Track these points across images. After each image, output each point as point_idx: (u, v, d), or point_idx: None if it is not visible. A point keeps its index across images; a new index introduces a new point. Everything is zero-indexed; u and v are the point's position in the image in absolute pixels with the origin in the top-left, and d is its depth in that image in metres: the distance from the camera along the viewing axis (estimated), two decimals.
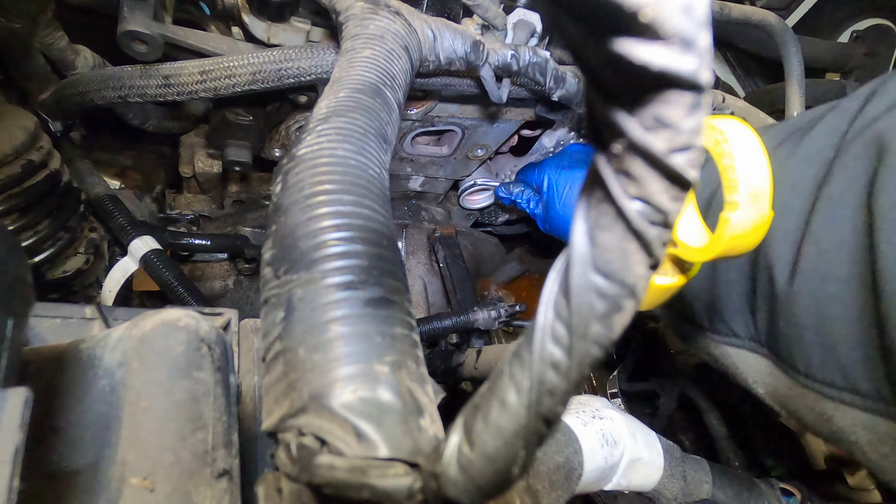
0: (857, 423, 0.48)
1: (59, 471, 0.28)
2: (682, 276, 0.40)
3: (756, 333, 0.57)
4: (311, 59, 0.66)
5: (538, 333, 0.19)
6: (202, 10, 0.74)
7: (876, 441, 0.48)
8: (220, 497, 0.29)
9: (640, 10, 0.14)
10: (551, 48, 0.86)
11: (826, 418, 0.51)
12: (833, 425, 0.50)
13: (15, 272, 0.25)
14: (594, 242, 0.18)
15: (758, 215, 0.34)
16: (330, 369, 0.26)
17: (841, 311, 0.47)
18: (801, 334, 0.50)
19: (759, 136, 0.34)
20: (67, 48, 0.71)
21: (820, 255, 0.48)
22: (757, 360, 0.57)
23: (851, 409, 0.48)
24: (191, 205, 1.05)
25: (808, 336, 0.50)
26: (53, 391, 0.31)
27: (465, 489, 0.22)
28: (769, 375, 0.56)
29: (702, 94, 0.15)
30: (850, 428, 0.49)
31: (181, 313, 0.34)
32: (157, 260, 0.78)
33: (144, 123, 0.84)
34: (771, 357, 0.56)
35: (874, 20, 1.26)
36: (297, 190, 0.33)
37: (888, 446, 0.47)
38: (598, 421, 0.65)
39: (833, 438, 0.52)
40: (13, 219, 0.65)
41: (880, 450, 0.48)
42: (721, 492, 0.70)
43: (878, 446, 0.48)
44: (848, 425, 0.49)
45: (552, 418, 0.20)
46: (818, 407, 0.51)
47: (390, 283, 0.30)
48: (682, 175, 0.16)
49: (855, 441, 0.49)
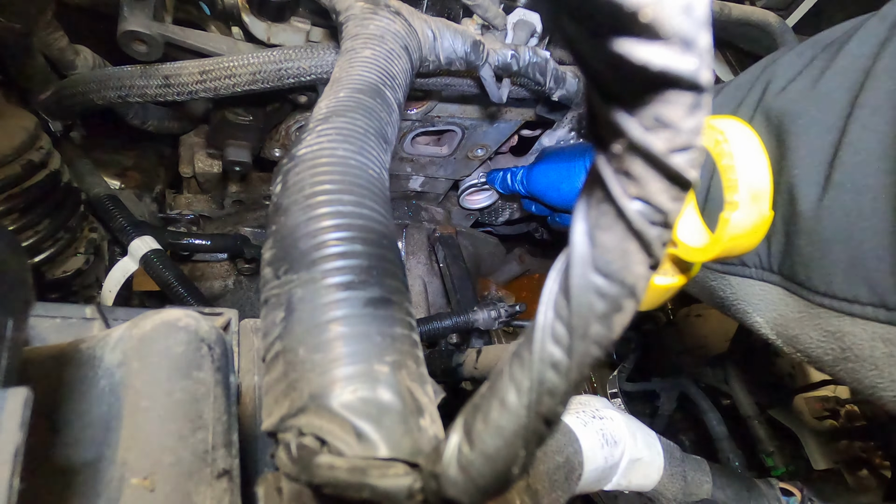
0: (877, 337, 0.48)
1: (59, 471, 0.28)
2: (683, 276, 0.40)
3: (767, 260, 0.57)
4: (311, 59, 0.66)
5: (538, 333, 0.19)
6: (202, 10, 0.74)
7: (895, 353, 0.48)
8: (220, 497, 0.29)
9: (640, 10, 0.14)
10: (551, 48, 0.86)
11: (838, 336, 0.51)
12: (845, 342, 0.51)
13: (15, 272, 0.25)
14: (594, 242, 0.18)
15: (758, 215, 0.34)
16: (330, 369, 0.26)
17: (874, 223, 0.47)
18: (827, 251, 0.50)
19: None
20: (67, 48, 0.71)
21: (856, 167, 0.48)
22: (763, 287, 0.58)
23: (872, 324, 0.48)
24: (191, 205, 1.05)
25: (834, 252, 0.50)
26: (53, 391, 0.31)
27: (465, 489, 0.22)
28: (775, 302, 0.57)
29: (702, 94, 0.15)
30: (867, 343, 0.49)
31: (181, 313, 0.34)
32: (157, 260, 0.78)
33: (144, 123, 0.84)
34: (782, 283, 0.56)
35: None
36: (297, 190, 0.33)
37: None
38: (598, 421, 0.65)
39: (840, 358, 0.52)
40: (13, 219, 0.65)
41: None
42: (721, 492, 0.70)
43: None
44: (865, 340, 0.49)
45: (552, 418, 0.20)
46: (832, 325, 0.51)
47: (390, 283, 0.30)
48: (682, 175, 0.16)
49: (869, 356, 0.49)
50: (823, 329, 0.53)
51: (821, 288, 0.52)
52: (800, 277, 0.54)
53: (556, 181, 0.96)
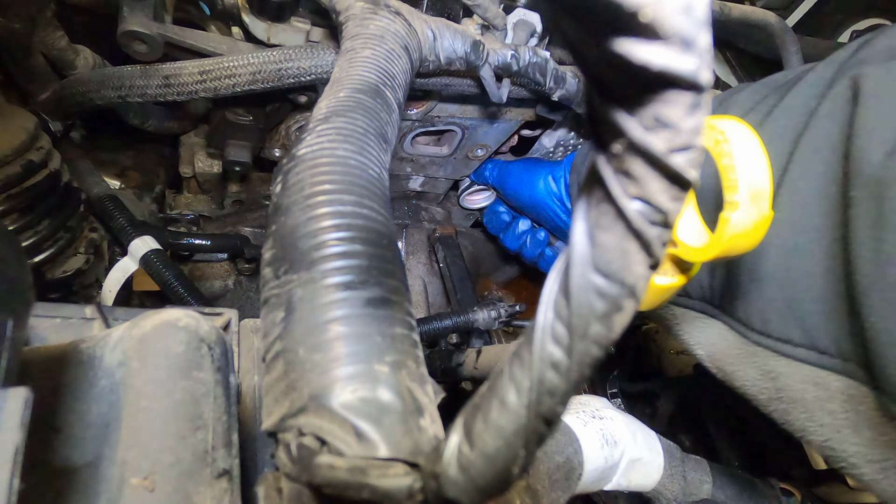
0: (808, 380, 0.48)
1: (59, 471, 0.28)
2: (682, 276, 0.40)
3: (710, 293, 0.56)
4: (311, 59, 0.66)
5: (538, 333, 0.19)
6: (202, 10, 0.74)
7: (825, 397, 0.48)
8: (220, 497, 0.29)
9: (640, 10, 0.14)
10: (551, 48, 0.86)
11: (772, 376, 0.51)
12: (779, 383, 0.50)
13: (15, 272, 0.25)
14: (594, 242, 0.18)
15: (758, 215, 0.34)
16: (330, 369, 0.26)
17: (810, 264, 0.47)
18: (764, 289, 0.50)
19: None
20: (67, 48, 0.71)
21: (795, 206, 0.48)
22: (704, 321, 0.58)
23: (804, 366, 0.48)
24: (191, 205, 1.05)
25: (771, 291, 0.50)
26: (53, 391, 0.31)
27: (465, 489, 0.22)
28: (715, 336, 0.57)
29: (702, 94, 0.15)
30: (798, 385, 0.49)
31: (181, 313, 0.34)
32: (157, 260, 0.78)
33: (144, 123, 0.84)
34: (722, 317, 0.56)
35: (874, 20, 1.26)
36: (297, 190, 0.33)
37: (837, 403, 0.47)
38: (598, 421, 0.64)
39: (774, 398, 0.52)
40: (13, 219, 0.65)
41: (827, 407, 0.48)
42: (721, 492, 0.70)
43: (825, 403, 0.48)
44: (797, 382, 0.49)
45: (552, 418, 0.20)
46: (767, 365, 0.51)
47: (390, 283, 0.30)
48: (682, 175, 0.16)
49: (800, 398, 0.49)
50: (760, 368, 0.52)
51: (757, 326, 0.52)
52: (738, 314, 0.53)
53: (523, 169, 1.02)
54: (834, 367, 0.47)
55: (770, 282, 0.50)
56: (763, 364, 0.52)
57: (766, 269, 0.50)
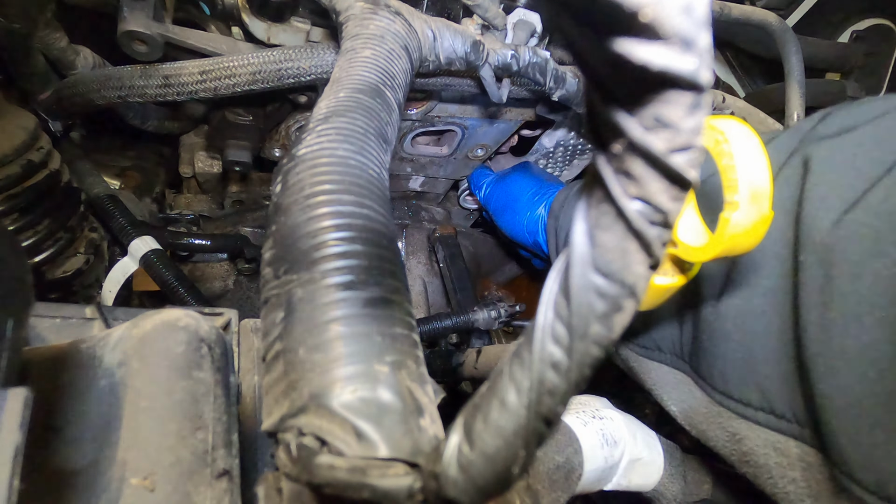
0: (769, 445, 0.47)
1: (59, 471, 0.28)
2: (682, 276, 0.40)
3: (680, 349, 0.56)
4: (311, 59, 0.66)
5: (538, 333, 0.19)
6: (202, 10, 0.74)
7: (786, 464, 0.47)
8: (220, 497, 0.29)
9: (640, 10, 0.14)
10: (551, 48, 0.86)
11: (738, 439, 0.50)
12: (744, 446, 0.49)
13: (15, 272, 0.25)
14: (594, 242, 0.18)
15: (758, 215, 0.34)
16: (330, 369, 0.26)
17: (765, 326, 0.47)
18: (723, 350, 0.50)
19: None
20: (67, 48, 0.71)
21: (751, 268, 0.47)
22: (675, 376, 0.57)
23: (764, 431, 0.47)
24: (191, 205, 1.05)
25: (729, 352, 0.49)
26: (53, 391, 0.31)
27: (465, 489, 0.22)
28: (685, 393, 0.56)
29: (702, 94, 0.15)
30: (761, 450, 0.48)
31: (181, 313, 0.34)
32: (157, 260, 0.78)
33: (144, 124, 0.84)
34: (691, 374, 0.55)
35: (874, 20, 1.26)
36: (297, 190, 0.33)
37: (797, 471, 0.46)
38: (598, 421, 0.64)
39: (742, 461, 0.51)
40: (13, 219, 0.65)
41: (789, 474, 0.47)
42: (721, 492, 0.70)
43: (786, 471, 0.47)
44: (759, 446, 0.48)
45: (552, 418, 0.20)
46: (731, 427, 0.50)
47: (390, 283, 0.30)
48: (682, 175, 0.16)
49: (765, 464, 0.48)
50: (725, 430, 0.51)
51: (719, 386, 0.51)
52: (703, 371, 0.53)
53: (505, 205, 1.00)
54: (792, 432, 0.46)
55: (728, 342, 0.49)
56: (728, 426, 0.51)
57: (726, 328, 0.49)
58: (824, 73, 1.29)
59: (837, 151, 0.45)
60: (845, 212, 0.42)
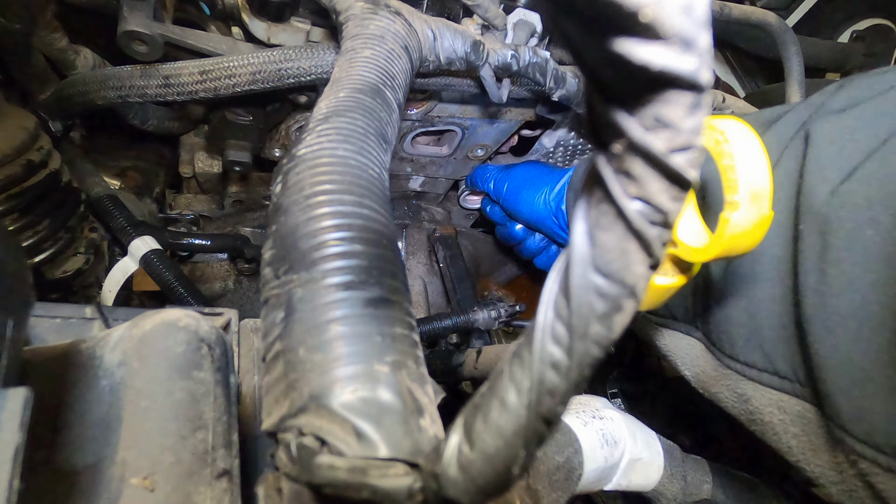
0: (773, 404, 0.51)
1: (60, 471, 0.28)
2: (683, 276, 0.40)
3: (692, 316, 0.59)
4: (311, 59, 0.66)
5: (538, 333, 0.19)
6: (202, 10, 0.74)
7: (788, 421, 0.50)
8: (220, 497, 0.29)
9: (640, 10, 0.14)
10: (551, 48, 0.86)
11: (745, 399, 0.53)
12: (751, 406, 0.53)
13: (15, 272, 0.25)
14: (594, 242, 0.18)
15: (758, 215, 0.34)
16: (330, 369, 0.26)
17: (768, 291, 0.49)
18: (731, 314, 0.52)
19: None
20: (67, 48, 0.71)
21: None
22: (689, 342, 0.60)
23: (768, 391, 0.51)
24: (191, 205, 1.05)
25: (736, 316, 0.52)
26: (53, 391, 0.31)
27: (465, 489, 0.22)
28: (698, 358, 0.59)
29: (702, 94, 0.15)
30: (766, 408, 0.51)
31: (181, 313, 0.34)
32: (157, 260, 0.78)
33: (144, 124, 0.84)
34: (703, 340, 0.58)
35: (874, 20, 1.27)
36: (298, 190, 0.33)
37: (798, 427, 0.49)
38: (598, 421, 0.64)
39: (750, 420, 0.54)
40: (13, 219, 0.65)
41: (791, 430, 0.50)
42: (721, 492, 0.70)
43: (789, 427, 0.50)
44: (764, 405, 0.51)
45: (552, 418, 0.20)
46: (739, 388, 0.53)
47: (390, 283, 0.30)
48: (682, 175, 0.16)
49: (769, 422, 0.51)
50: (733, 391, 0.54)
51: (726, 349, 0.54)
52: (712, 336, 0.56)
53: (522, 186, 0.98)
54: (793, 391, 0.49)
55: (735, 307, 0.52)
56: (735, 387, 0.54)
57: (733, 294, 0.52)
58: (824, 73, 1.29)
59: (839, 126, 0.48)
60: (841, 182, 0.44)
